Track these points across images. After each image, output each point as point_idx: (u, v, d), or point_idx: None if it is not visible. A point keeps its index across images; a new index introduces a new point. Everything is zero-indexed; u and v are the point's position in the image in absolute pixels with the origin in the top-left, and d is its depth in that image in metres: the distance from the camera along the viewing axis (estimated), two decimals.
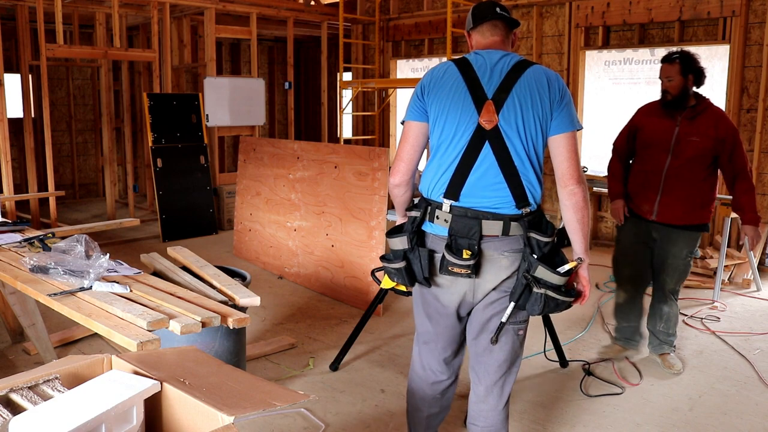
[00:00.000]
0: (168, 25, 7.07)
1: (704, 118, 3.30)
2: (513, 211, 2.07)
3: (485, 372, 2.26)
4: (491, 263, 2.10)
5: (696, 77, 3.30)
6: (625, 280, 3.63)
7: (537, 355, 3.66)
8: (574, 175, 2.06)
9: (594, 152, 6.77)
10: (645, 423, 2.97)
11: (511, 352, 2.23)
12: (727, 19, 5.65)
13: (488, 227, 2.07)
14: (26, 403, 1.45)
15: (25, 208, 6.95)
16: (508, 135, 2.04)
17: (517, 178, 2.06)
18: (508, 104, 2.05)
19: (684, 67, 3.28)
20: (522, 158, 2.06)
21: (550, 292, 2.04)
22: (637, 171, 3.49)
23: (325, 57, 8.51)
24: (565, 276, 2.04)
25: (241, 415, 1.36)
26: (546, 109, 2.05)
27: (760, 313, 4.47)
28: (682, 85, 3.28)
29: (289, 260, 5.26)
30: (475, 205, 2.08)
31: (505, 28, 2.19)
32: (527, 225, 2.07)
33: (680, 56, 3.30)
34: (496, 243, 2.08)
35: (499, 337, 2.17)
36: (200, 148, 6.98)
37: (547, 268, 2.03)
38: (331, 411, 3.04)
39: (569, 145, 2.07)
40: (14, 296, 3.34)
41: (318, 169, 5.00)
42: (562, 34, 6.73)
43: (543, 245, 2.06)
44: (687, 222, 3.36)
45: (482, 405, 2.29)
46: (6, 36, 6.89)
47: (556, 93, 2.07)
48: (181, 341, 2.61)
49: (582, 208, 2.08)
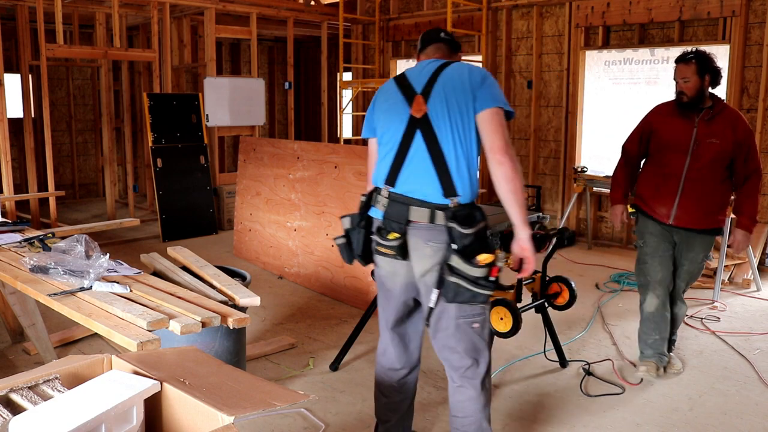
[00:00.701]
0: (168, 25, 7.07)
1: (722, 120, 3.20)
2: (440, 201, 2.17)
3: (450, 367, 2.35)
4: (416, 251, 2.22)
5: (713, 77, 3.19)
6: (657, 284, 3.35)
7: (537, 355, 3.66)
8: (501, 146, 2.13)
9: (594, 152, 6.77)
10: (645, 423, 2.97)
11: (470, 346, 2.28)
12: (727, 19, 5.65)
13: (415, 213, 2.19)
14: (26, 403, 1.45)
15: (25, 208, 6.94)
16: (437, 122, 2.19)
17: (445, 166, 2.17)
18: (434, 94, 2.21)
19: (700, 67, 3.17)
20: (450, 145, 2.18)
21: (462, 282, 2.11)
22: (652, 173, 3.36)
23: (325, 57, 8.51)
24: (481, 268, 2.09)
25: (241, 415, 1.36)
26: (467, 94, 2.19)
27: (760, 313, 4.47)
28: (699, 86, 3.17)
29: (289, 260, 5.26)
30: (407, 191, 2.22)
31: (447, 49, 2.43)
32: (451, 215, 2.13)
33: (696, 56, 3.19)
34: (422, 231, 2.19)
35: (451, 332, 2.26)
36: (200, 148, 6.98)
37: (461, 258, 2.10)
38: (331, 411, 3.04)
39: (494, 121, 2.16)
40: (14, 296, 3.34)
41: (318, 169, 5.00)
42: (562, 34, 6.73)
43: (462, 236, 2.10)
44: (705, 226, 3.26)
45: (458, 396, 2.36)
46: (6, 36, 6.89)
47: (476, 78, 2.21)
48: (181, 341, 2.61)
49: (512, 178, 2.12)
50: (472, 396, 2.33)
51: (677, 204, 3.25)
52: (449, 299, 2.17)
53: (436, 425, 2.92)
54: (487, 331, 2.34)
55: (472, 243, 2.11)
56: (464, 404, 2.34)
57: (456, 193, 2.16)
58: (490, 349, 2.41)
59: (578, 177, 6.37)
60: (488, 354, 2.37)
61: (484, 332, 2.32)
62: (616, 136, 6.57)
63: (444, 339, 2.31)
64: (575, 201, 6.44)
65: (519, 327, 2.95)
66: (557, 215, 6.89)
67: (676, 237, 3.33)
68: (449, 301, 2.18)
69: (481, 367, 2.33)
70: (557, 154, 6.91)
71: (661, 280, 3.34)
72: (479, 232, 2.12)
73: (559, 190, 6.92)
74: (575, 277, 4.92)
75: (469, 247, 2.11)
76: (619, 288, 5.04)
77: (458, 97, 2.18)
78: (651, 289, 3.37)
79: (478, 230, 2.12)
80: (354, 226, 2.37)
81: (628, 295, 4.87)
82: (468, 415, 2.34)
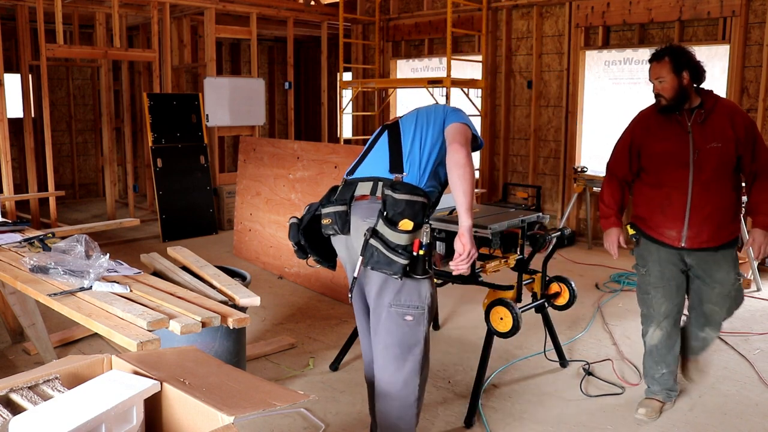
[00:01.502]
0: (168, 25, 7.07)
1: (717, 117, 2.78)
2: (384, 174, 2.30)
3: (375, 354, 2.36)
4: (355, 230, 2.29)
5: (692, 73, 2.76)
6: (661, 316, 2.97)
7: (537, 355, 3.66)
8: (458, 139, 2.25)
9: (594, 152, 6.77)
10: (645, 423, 2.96)
11: (398, 338, 2.26)
12: (727, 19, 5.65)
13: (360, 189, 2.31)
14: (26, 403, 1.45)
15: (25, 208, 6.94)
16: (404, 125, 2.41)
17: (399, 150, 2.32)
18: (408, 114, 2.49)
19: (675, 63, 2.75)
20: (409, 140, 2.34)
21: (380, 245, 2.14)
22: (651, 192, 2.92)
23: (325, 57, 8.51)
24: (401, 234, 2.12)
25: (241, 415, 1.36)
26: (439, 115, 2.41)
27: (760, 313, 4.47)
28: (677, 85, 2.76)
29: (289, 260, 5.26)
30: (359, 174, 2.39)
31: None
32: (390, 185, 2.22)
33: (669, 51, 2.79)
34: (363, 208, 2.28)
35: (380, 321, 2.27)
36: (200, 148, 6.98)
37: (385, 222, 2.15)
38: (331, 411, 3.04)
39: (458, 129, 2.31)
40: (14, 296, 3.34)
41: (318, 169, 5.00)
42: (562, 34, 6.73)
43: (394, 203, 2.17)
44: (723, 241, 2.85)
45: (379, 386, 2.34)
46: (6, 36, 6.89)
47: (450, 109, 2.47)
48: (181, 341, 2.61)
49: (463, 164, 2.18)
50: (390, 394, 2.29)
51: (687, 224, 2.82)
52: (366, 262, 2.19)
53: (435, 425, 2.92)
54: (422, 332, 2.27)
55: (403, 211, 2.16)
56: (383, 401, 2.33)
57: (402, 170, 2.27)
58: (423, 358, 2.31)
59: (578, 177, 6.37)
60: (418, 360, 2.28)
61: (418, 331, 2.26)
62: (616, 136, 6.57)
63: (374, 324, 2.31)
64: (575, 201, 6.44)
65: (519, 327, 2.95)
66: (557, 215, 6.89)
67: (693, 260, 2.89)
68: (366, 264, 2.19)
69: (407, 365, 2.27)
70: (557, 154, 6.91)
71: (666, 312, 2.96)
72: (414, 203, 2.17)
73: (559, 190, 6.92)
74: (575, 277, 4.92)
75: (398, 216, 2.16)
76: (619, 288, 5.04)
77: (429, 115, 2.41)
78: (655, 322, 3.01)
79: (412, 200, 2.17)
80: (309, 211, 2.46)
81: (628, 295, 4.87)
82: (383, 413, 2.33)
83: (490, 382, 3.35)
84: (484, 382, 3.07)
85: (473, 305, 4.54)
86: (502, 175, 7.35)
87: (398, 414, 2.33)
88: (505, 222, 3.11)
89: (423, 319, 2.27)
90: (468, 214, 2.17)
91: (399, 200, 2.16)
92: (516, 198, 7.09)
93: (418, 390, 2.32)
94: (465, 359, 3.64)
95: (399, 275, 2.16)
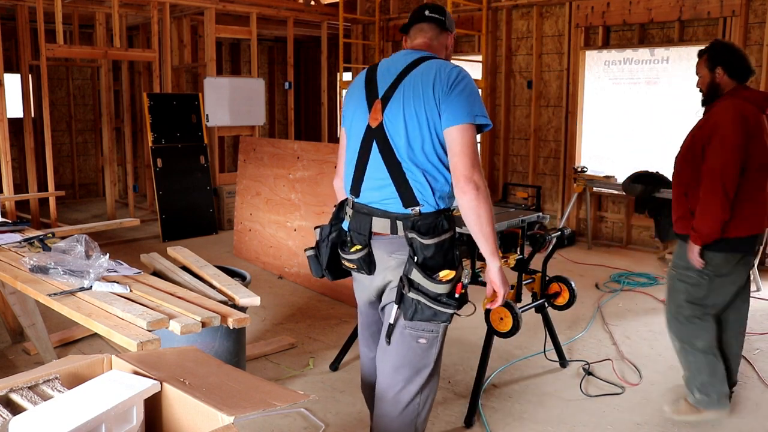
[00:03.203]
0: (168, 25, 7.07)
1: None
2: (400, 210, 2.04)
3: (381, 372, 2.19)
4: (380, 263, 2.10)
5: (728, 68, 2.76)
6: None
7: (537, 355, 3.66)
8: (464, 172, 1.93)
9: (594, 152, 6.77)
10: (645, 423, 2.96)
11: (408, 359, 2.11)
12: (727, 19, 5.65)
13: (377, 225, 2.07)
14: (26, 403, 1.45)
15: (25, 208, 6.94)
16: (391, 133, 2.03)
17: (403, 176, 2.02)
18: (392, 101, 2.03)
19: (711, 58, 2.79)
20: (406, 156, 2.01)
21: (422, 298, 1.96)
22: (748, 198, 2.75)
23: (325, 57, 8.51)
24: (442, 284, 1.95)
25: (241, 415, 1.36)
26: (430, 104, 1.97)
27: (760, 313, 4.47)
28: (709, 81, 2.81)
29: (289, 260, 5.26)
30: (369, 201, 2.10)
31: (433, 30, 2.17)
32: (411, 225, 2.00)
33: (709, 47, 2.84)
34: (385, 243, 2.08)
35: (392, 340, 2.12)
36: (200, 148, 6.98)
37: (421, 272, 1.95)
38: (331, 411, 3.04)
39: (460, 139, 1.94)
40: (14, 296, 3.34)
41: (318, 169, 5.00)
42: (562, 34, 6.73)
43: (423, 248, 1.97)
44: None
45: (379, 405, 2.20)
46: (6, 36, 6.89)
47: (444, 85, 1.97)
48: (181, 341, 2.61)
49: (474, 207, 1.93)
50: (391, 414, 2.15)
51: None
52: (408, 317, 2.01)
53: (435, 425, 2.92)
54: (434, 354, 2.13)
55: (434, 255, 1.97)
56: (382, 420, 2.18)
57: (416, 202, 2.01)
58: (429, 379, 2.15)
59: (578, 177, 6.37)
60: (423, 381, 2.14)
61: (430, 353, 2.12)
62: (616, 136, 6.59)
63: (383, 343, 2.16)
64: (575, 201, 6.44)
65: (519, 327, 2.95)
66: (557, 215, 6.88)
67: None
68: (408, 318, 2.02)
69: (412, 386, 2.12)
70: (557, 154, 6.91)
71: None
72: (443, 243, 1.99)
73: (559, 190, 6.92)
74: (575, 277, 4.92)
75: (431, 260, 1.97)
76: (619, 288, 5.04)
77: (418, 107, 1.98)
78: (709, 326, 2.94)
79: (441, 241, 1.98)
80: (324, 238, 2.22)
81: (629, 295, 4.88)
82: (381, 429, 2.19)
83: (490, 382, 3.35)
84: (484, 382, 3.08)
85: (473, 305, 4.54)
86: (502, 175, 7.35)
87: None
88: (505, 222, 3.11)
89: (436, 343, 2.13)
90: (494, 257, 2.01)
91: (428, 245, 1.96)
92: (516, 198, 7.09)
93: (418, 409, 2.19)
94: (465, 359, 3.64)
95: (448, 323, 2.05)
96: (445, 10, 2.20)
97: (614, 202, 6.56)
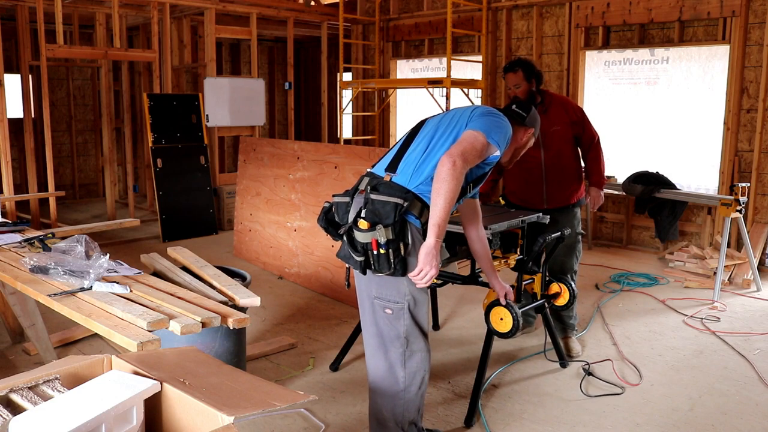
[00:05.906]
0: (168, 25, 7.07)
1: (554, 108, 3.64)
2: (380, 172, 2.37)
3: (364, 345, 2.47)
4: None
5: (537, 79, 3.59)
6: None
7: (537, 355, 3.66)
8: (451, 151, 2.20)
9: None
10: (645, 423, 2.97)
11: (379, 328, 2.36)
12: (727, 19, 5.65)
13: (362, 183, 2.35)
14: (26, 403, 1.45)
15: (25, 208, 6.94)
16: (426, 126, 2.43)
17: (404, 152, 2.36)
18: (434, 118, 2.48)
19: (526, 72, 3.55)
20: (420, 140, 2.36)
21: (346, 241, 2.26)
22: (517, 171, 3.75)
23: (325, 57, 8.51)
24: (361, 232, 2.18)
25: (241, 415, 1.36)
26: (464, 118, 2.36)
27: (760, 313, 4.47)
28: (528, 89, 3.56)
29: (289, 260, 5.26)
30: (375, 168, 2.43)
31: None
32: (374, 184, 2.28)
33: (520, 64, 3.56)
34: (359, 201, 2.32)
35: (365, 311, 2.40)
36: (200, 149, 6.98)
37: (358, 216, 2.22)
38: (331, 411, 3.04)
39: (467, 136, 2.26)
40: (14, 296, 3.34)
41: (318, 169, 5.00)
42: (562, 35, 6.73)
43: (369, 201, 2.22)
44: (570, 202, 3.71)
45: (369, 382, 2.46)
46: (6, 36, 6.89)
47: (479, 110, 2.40)
48: (181, 341, 2.61)
49: (442, 179, 2.14)
50: (373, 382, 2.43)
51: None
52: (338, 253, 2.36)
53: (435, 425, 2.92)
54: (401, 326, 2.32)
55: (374, 211, 2.20)
56: (372, 394, 2.45)
57: (394, 170, 2.31)
58: (407, 352, 2.36)
59: None
60: (400, 353, 2.35)
61: (398, 325, 2.32)
62: (615, 136, 6.58)
63: (361, 315, 2.43)
64: None
65: (519, 327, 2.95)
66: None
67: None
68: (337, 254, 2.36)
69: (387, 360, 2.37)
70: None
71: None
72: (385, 203, 2.19)
73: None
74: None
75: (369, 213, 2.20)
76: (619, 288, 5.04)
77: (454, 117, 2.39)
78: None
79: (383, 201, 2.19)
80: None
81: (628, 295, 4.88)
82: (372, 404, 2.46)
83: (490, 382, 3.35)
84: (484, 382, 3.08)
85: (473, 305, 4.55)
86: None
87: (382, 402, 2.41)
88: (505, 222, 3.11)
89: (402, 315, 2.31)
90: (434, 230, 2.15)
91: (374, 200, 2.21)
92: None
93: (403, 382, 2.37)
94: (465, 359, 3.64)
95: (358, 270, 2.29)
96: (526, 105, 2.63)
97: (614, 202, 6.56)
